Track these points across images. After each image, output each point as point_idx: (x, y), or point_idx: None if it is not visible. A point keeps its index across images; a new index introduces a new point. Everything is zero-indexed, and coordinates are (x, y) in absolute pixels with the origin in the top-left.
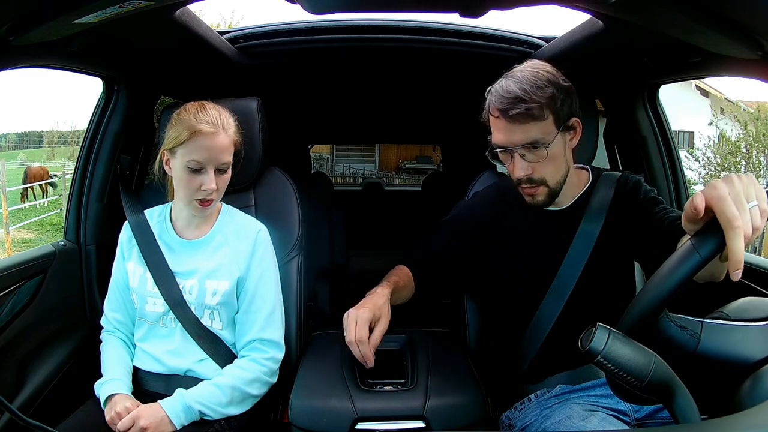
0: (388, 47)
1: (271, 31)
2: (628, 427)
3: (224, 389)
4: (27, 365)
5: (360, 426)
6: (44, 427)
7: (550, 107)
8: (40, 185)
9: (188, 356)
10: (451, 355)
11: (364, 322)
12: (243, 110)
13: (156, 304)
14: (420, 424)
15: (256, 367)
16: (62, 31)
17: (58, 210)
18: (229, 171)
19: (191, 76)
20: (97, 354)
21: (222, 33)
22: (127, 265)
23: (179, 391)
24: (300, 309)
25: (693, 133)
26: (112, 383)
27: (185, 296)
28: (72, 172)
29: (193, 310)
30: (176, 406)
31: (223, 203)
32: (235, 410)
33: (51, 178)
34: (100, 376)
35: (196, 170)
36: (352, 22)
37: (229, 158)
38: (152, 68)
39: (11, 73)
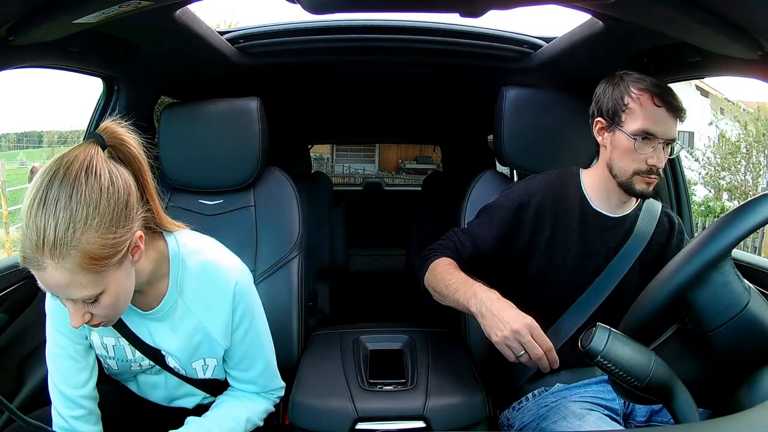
0: (388, 47)
1: (271, 31)
2: (624, 427)
3: (240, 422)
4: (27, 365)
5: (360, 426)
6: (44, 427)
7: None
8: None
9: (182, 392)
10: (451, 355)
11: (539, 328)
12: (243, 110)
13: (142, 365)
14: (420, 424)
15: (265, 401)
16: (62, 31)
17: None
18: (110, 293)
19: (191, 76)
20: None
21: (222, 33)
22: (91, 334)
23: (197, 423)
24: (300, 309)
25: (693, 133)
26: None
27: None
28: None
29: (184, 375)
30: None
31: (167, 239)
32: None
33: None
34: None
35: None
36: (352, 22)
37: (82, 293)
38: (152, 68)
39: (11, 73)
